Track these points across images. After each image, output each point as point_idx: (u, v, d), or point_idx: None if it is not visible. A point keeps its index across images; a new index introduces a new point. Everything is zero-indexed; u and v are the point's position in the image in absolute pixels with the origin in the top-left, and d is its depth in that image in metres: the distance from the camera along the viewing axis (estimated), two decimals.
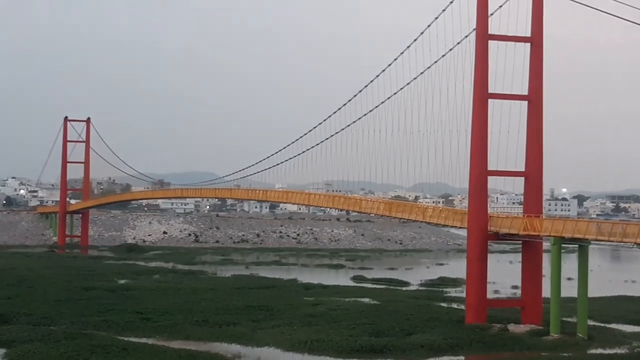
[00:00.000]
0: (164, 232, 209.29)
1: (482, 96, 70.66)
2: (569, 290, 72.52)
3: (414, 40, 77.39)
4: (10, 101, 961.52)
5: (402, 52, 79.35)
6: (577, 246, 65.63)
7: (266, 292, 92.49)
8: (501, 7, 70.77)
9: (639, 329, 70.76)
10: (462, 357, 57.66)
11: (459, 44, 72.85)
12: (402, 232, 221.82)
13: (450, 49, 73.55)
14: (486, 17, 70.89)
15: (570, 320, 68.50)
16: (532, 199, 72.35)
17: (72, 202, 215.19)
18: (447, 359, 56.66)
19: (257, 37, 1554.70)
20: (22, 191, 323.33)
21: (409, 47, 78.31)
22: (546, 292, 68.95)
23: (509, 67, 70.87)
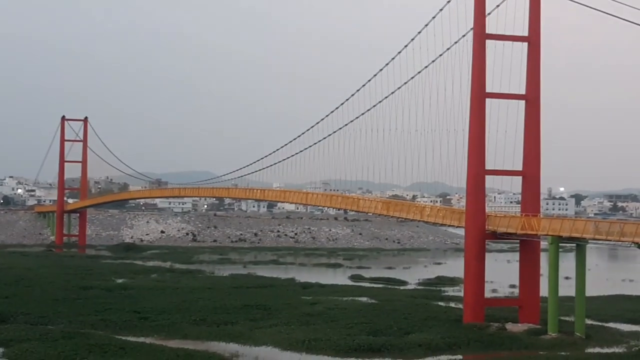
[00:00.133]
0: (162, 232, 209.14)
1: (479, 95, 70.67)
2: (567, 289, 72.54)
3: (411, 39, 77.61)
4: (7, 100, 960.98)
5: (399, 52, 79.64)
6: (574, 245, 65.73)
7: (264, 292, 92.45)
8: (498, 6, 70.83)
9: (636, 328, 70.78)
10: (460, 356, 57.59)
11: (456, 43, 72.97)
12: (400, 231, 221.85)
13: (447, 48, 73.69)
14: (483, 16, 70.90)
15: (568, 319, 68.65)
16: (530, 198, 72.40)
17: (70, 201, 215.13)
18: (445, 358, 56.60)
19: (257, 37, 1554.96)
20: (19, 190, 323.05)
21: (406, 46, 78.59)
22: (544, 291, 68.95)
23: (506, 66, 71.03)
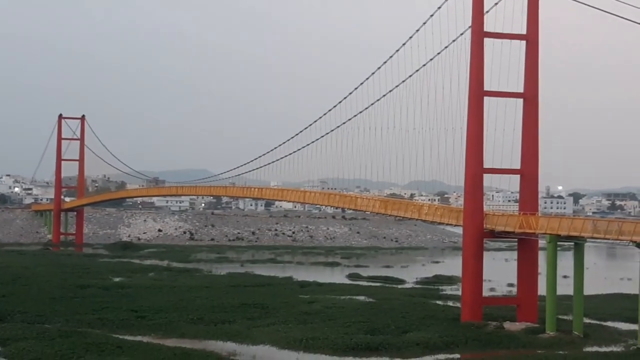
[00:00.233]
0: (159, 230, 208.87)
1: (477, 94, 70.55)
2: (565, 288, 72.31)
3: (409, 37, 77.56)
4: (4, 99, 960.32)
5: (397, 50, 79.57)
6: (572, 244, 65.68)
7: (261, 290, 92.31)
8: (497, 4, 70.71)
9: (634, 327, 70.34)
10: (457, 355, 57.47)
11: (454, 41, 72.84)
12: (398, 229, 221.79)
13: (445, 47, 73.59)
14: (482, 14, 70.80)
15: (566, 318, 68.55)
16: (528, 196, 72.33)
17: (67, 199, 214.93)
18: (442, 356, 56.47)
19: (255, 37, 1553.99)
20: (16, 189, 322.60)
21: (404, 44, 78.49)
22: (542, 290, 68.91)
23: (504, 64, 70.92)
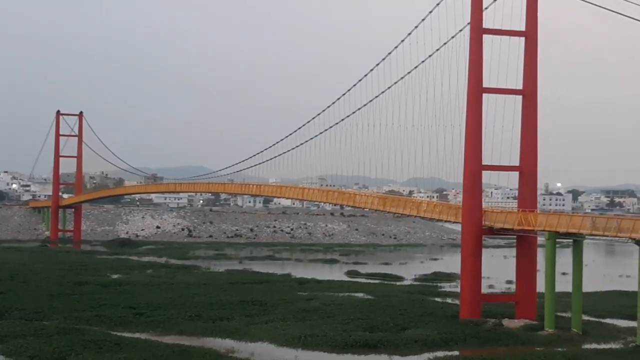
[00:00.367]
0: (157, 227, 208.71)
1: (476, 90, 70.41)
2: (564, 285, 72.31)
3: (408, 34, 77.41)
4: (2, 95, 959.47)
5: (396, 46, 79.50)
6: (571, 241, 65.56)
7: (260, 287, 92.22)
8: (495, 1, 70.59)
9: (633, 324, 70.28)
10: (456, 352, 57.34)
11: (453, 38, 72.69)
12: (397, 226, 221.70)
13: (444, 43, 73.42)
14: (480, 11, 70.63)
15: (564, 315, 68.47)
16: (527, 193, 72.22)
17: (65, 196, 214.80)
18: (441, 354, 56.33)
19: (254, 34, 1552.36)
20: (14, 185, 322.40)
21: (403, 41, 78.41)
22: (540, 287, 68.82)
23: (503, 61, 70.76)
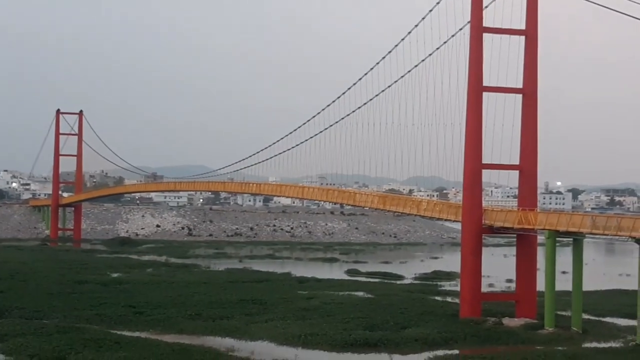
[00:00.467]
0: (157, 226, 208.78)
1: (476, 89, 70.37)
2: (564, 284, 72.33)
3: (408, 33, 77.33)
4: (2, 94, 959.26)
5: (396, 45, 79.40)
6: (571, 240, 65.56)
7: (260, 286, 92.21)
8: None
9: (633, 323, 70.24)
10: (456, 351, 57.35)
11: (453, 36, 72.60)
12: (397, 225, 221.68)
13: (444, 42, 73.33)
14: (481, 9, 70.58)
15: (564, 314, 68.40)
16: (527, 192, 72.20)
17: (65, 195, 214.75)
18: (441, 352, 56.33)
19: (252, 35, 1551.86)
20: (14, 184, 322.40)
21: (403, 39, 78.33)
22: (541, 285, 68.81)
23: (503, 60, 70.71)
